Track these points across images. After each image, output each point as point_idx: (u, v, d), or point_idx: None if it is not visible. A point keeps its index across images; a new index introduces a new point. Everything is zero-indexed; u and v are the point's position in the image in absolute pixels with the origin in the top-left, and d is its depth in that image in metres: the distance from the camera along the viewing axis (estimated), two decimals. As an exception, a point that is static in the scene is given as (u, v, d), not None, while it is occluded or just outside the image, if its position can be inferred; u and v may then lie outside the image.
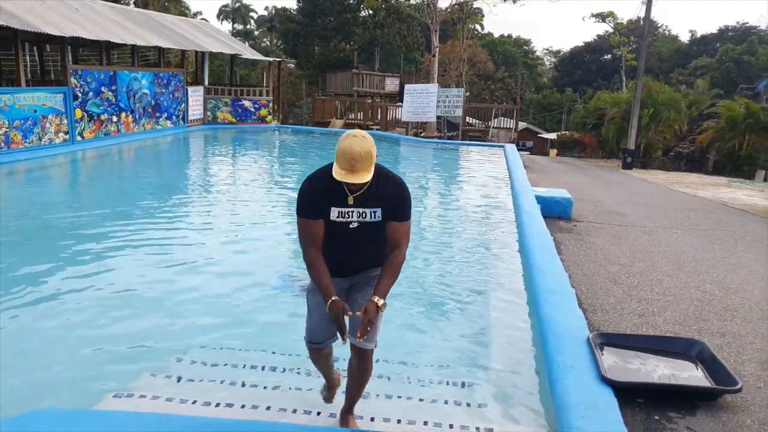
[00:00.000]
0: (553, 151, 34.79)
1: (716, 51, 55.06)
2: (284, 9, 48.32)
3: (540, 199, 9.09)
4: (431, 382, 3.94)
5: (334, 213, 2.91)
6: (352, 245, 3.01)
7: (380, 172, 2.92)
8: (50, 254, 6.66)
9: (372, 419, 3.40)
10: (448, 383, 3.94)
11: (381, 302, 2.85)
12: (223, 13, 69.09)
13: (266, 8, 68.23)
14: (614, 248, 7.20)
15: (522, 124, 45.62)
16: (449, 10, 30.76)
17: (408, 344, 4.53)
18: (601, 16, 38.39)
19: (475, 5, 32.43)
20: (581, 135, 32.67)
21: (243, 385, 3.83)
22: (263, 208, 9.93)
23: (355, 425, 3.25)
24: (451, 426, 3.37)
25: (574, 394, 3.32)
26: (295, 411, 3.45)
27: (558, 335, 4.10)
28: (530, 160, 22.57)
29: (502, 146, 17.90)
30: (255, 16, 70.05)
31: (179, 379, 3.93)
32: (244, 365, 4.11)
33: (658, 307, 5.01)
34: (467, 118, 25.92)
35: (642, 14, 23.99)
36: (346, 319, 2.85)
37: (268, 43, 65.10)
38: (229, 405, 3.53)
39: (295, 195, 3.01)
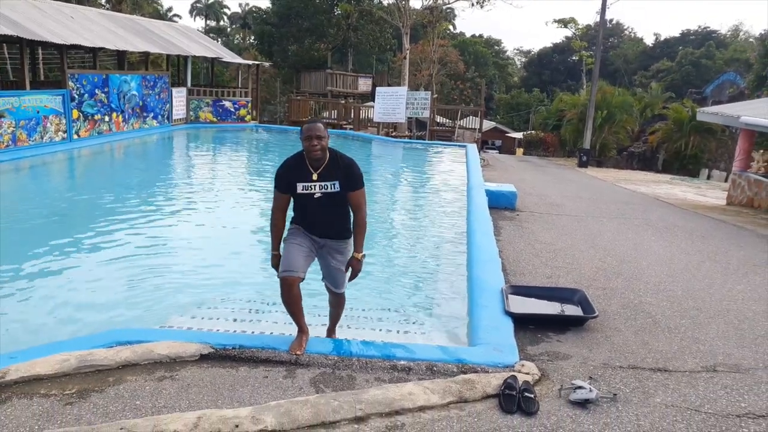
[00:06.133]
0: (520, 150, 36.55)
1: (678, 54, 57.43)
2: (258, 9, 49.40)
3: (489, 193, 10.60)
4: (390, 319, 5.46)
5: (299, 187, 3.96)
6: (318, 211, 4.01)
7: (335, 153, 3.99)
8: (77, 232, 8.06)
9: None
10: (402, 321, 5.47)
11: (360, 255, 4.10)
12: (196, 10, 69.51)
13: (240, 5, 68.94)
14: (544, 232, 8.74)
15: (491, 124, 47.39)
16: (420, 11, 32.08)
17: (377, 292, 6.14)
18: (563, 22, 40.18)
19: (446, 7, 33.87)
20: (545, 134, 34.43)
21: (250, 321, 5.29)
22: (250, 194, 11.45)
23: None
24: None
25: (484, 321, 4.84)
26: (291, 334, 4.90)
27: (481, 288, 5.62)
28: (494, 159, 24.25)
29: (465, 146, 19.41)
30: (228, 12, 70.56)
31: (202, 318, 5.38)
32: (249, 310, 5.58)
33: (563, 272, 6.56)
34: (437, 117, 27.42)
35: (600, 20, 25.72)
36: (327, 270, 4.28)
37: (241, 40, 65.81)
38: (243, 331, 4.98)
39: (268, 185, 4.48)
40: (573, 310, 5.21)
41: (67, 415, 3.30)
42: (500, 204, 10.51)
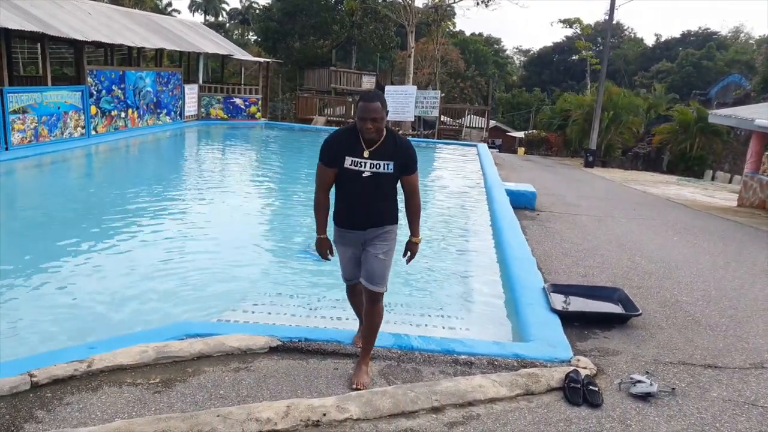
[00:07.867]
0: (521, 149, 36.68)
1: (678, 55, 57.64)
2: (262, 6, 49.49)
3: (509, 192, 10.77)
4: (434, 315, 5.63)
5: (347, 161, 3.56)
6: (364, 195, 3.63)
7: (392, 133, 3.64)
8: (112, 226, 8.22)
9: (398, 334, 5.04)
10: (442, 316, 5.63)
11: (418, 239, 3.89)
12: (195, 4, 69.35)
13: (240, 0, 68.86)
14: (568, 232, 8.92)
15: (491, 123, 47.59)
16: (425, 10, 32.21)
17: (417, 292, 6.29)
18: (568, 22, 40.37)
19: (448, 6, 33.98)
20: (548, 134, 34.57)
21: (300, 316, 5.46)
22: (280, 193, 11.65)
23: (366, 374, 3.85)
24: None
25: (532, 318, 5.01)
26: (344, 328, 5.06)
27: (523, 286, 5.80)
28: (498, 158, 24.39)
29: (476, 145, 19.59)
30: (227, 8, 70.41)
31: (253, 312, 5.54)
32: (292, 305, 5.73)
33: (596, 271, 6.74)
34: (441, 116, 27.61)
35: (608, 20, 25.91)
36: (362, 263, 3.85)
37: (240, 36, 65.75)
38: (299, 325, 5.14)
39: (292, 182, 4.54)
40: (613, 308, 5.40)
41: (159, 403, 3.46)
42: (520, 203, 10.64)
